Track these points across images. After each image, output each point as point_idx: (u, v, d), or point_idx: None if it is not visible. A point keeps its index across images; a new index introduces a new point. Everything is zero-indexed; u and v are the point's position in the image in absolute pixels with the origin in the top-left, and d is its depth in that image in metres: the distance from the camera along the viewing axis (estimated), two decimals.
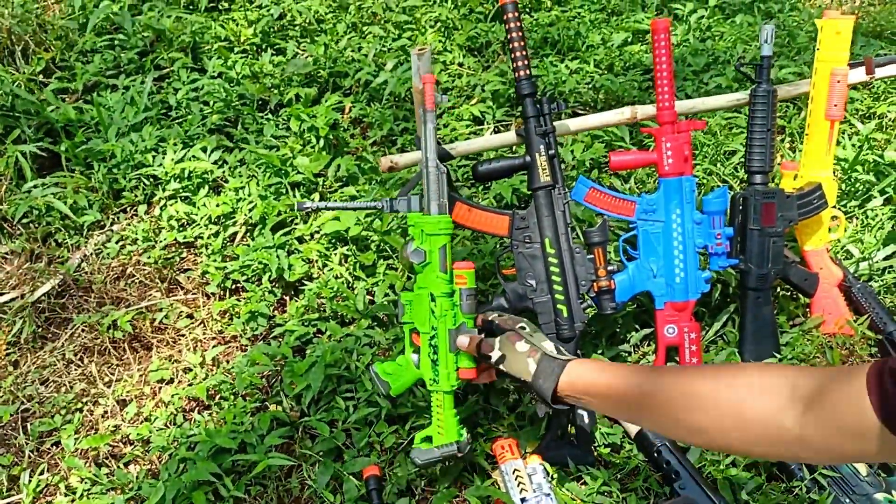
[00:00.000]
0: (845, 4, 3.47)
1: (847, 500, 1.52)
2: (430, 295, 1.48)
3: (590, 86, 2.68)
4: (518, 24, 1.65)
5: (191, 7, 3.07)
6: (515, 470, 1.59)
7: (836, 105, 1.78)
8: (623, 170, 1.91)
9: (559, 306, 1.65)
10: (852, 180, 2.18)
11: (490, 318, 1.40)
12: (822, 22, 1.78)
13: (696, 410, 1.01)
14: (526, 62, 1.65)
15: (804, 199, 1.78)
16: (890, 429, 0.82)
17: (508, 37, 1.65)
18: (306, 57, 2.83)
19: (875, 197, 2.12)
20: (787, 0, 3.30)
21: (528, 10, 3.15)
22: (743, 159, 1.80)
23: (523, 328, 1.33)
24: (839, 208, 2.13)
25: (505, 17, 1.65)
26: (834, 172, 2.17)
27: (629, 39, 2.96)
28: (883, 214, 2.14)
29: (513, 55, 1.65)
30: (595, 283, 1.66)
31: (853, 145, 2.30)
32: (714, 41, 2.94)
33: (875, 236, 2.08)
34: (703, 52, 2.84)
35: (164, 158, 2.29)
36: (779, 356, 1.80)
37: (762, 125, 1.76)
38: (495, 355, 1.30)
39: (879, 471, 1.59)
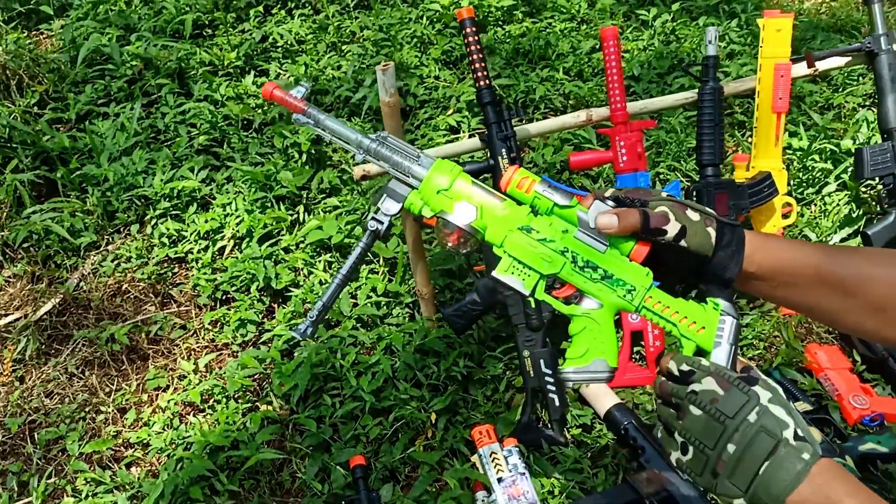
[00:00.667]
0: (807, 1, 3.59)
1: None
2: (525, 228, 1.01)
3: (559, 92, 2.80)
4: (476, 38, 1.77)
5: (177, 35, 3.20)
6: (492, 453, 1.69)
7: (781, 98, 1.90)
8: (583, 168, 2.02)
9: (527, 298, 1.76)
10: (808, 168, 2.29)
11: (613, 196, 0.98)
12: (763, 21, 1.90)
13: (891, 309, 0.93)
14: (485, 73, 1.77)
15: (755, 188, 1.89)
16: None
17: (468, 49, 1.77)
18: (288, 77, 2.95)
19: (830, 183, 2.23)
20: (750, 0, 3.42)
21: (500, 22, 3.27)
22: None
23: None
24: (795, 196, 2.25)
25: (463, 32, 1.77)
26: (792, 162, 2.29)
27: (597, 46, 3.08)
28: (840, 200, 2.25)
29: (472, 66, 1.77)
30: None
31: (810, 136, 2.41)
32: (679, 44, 3.06)
33: (832, 221, 2.18)
34: (668, 55, 2.96)
35: (153, 180, 2.41)
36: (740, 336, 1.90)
37: (710, 121, 1.87)
38: (673, 228, 0.92)
39: (835, 438, 1.69)
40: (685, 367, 0.90)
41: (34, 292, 2.28)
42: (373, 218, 1.04)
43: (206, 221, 2.32)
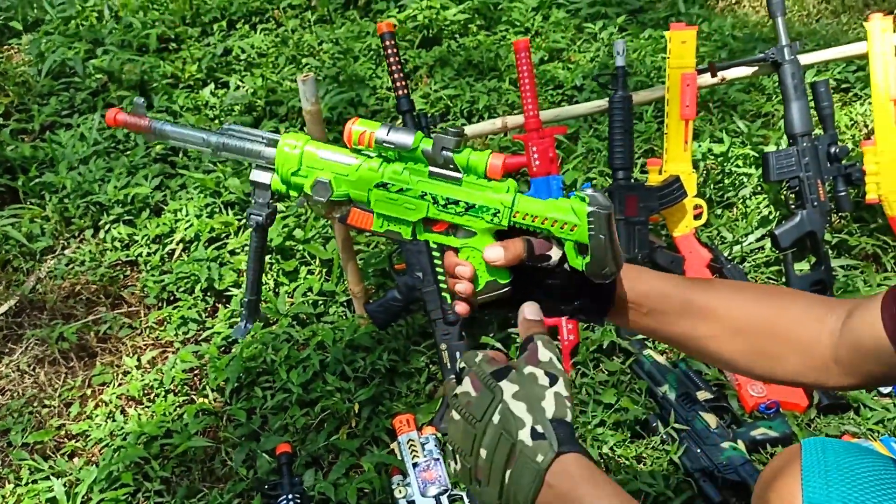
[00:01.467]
0: (758, 13, 3.72)
1: (698, 450, 1.72)
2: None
3: (505, 102, 2.92)
4: (395, 50, 1.88)
5: (143, 49, 3.32)
6: (410, 440, 1.80)
7: (688, 105, 2.01)
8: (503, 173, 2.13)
9: (443, 294, 1.87)
10: (729, 173, 2.41)
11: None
12: (669, 34, 2.01)
13: (751, 334, 0.99)
14: (404, 83, 1.89)
15: (664, 191, 2.00)
16: None
17: (388, 62, 1.89)
18: (246, 88, 3.07)
19: (747, 186, 2.34)
20: (698, 12, 3.55)
21: (455, 35, 3.40)
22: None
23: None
24: (715, 199, 2.36)
25: (384, 45, 1.89)
26: (706, 165, 2.40)
27: (545, 58, 3.20)
28: (760, 203, 2.36)
29: (392, 77, 1.88)
30: None
31: (733, 142, 2.52)
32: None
33: (750, 222, 2.29)
34: (612, 66, 3.07)
35: (108, 186, 2.52)
36: None
37: (621, 128, 1.99)
38: (556, 254, 0.96)
39: (732, 424, 1.80)
40: (459, 367, 0.91)
41: None
42: (251, 213, 1.11)
43: (158, 226, 2.43)
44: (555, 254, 0.96)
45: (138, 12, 3.47)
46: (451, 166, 0.95)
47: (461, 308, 0.99)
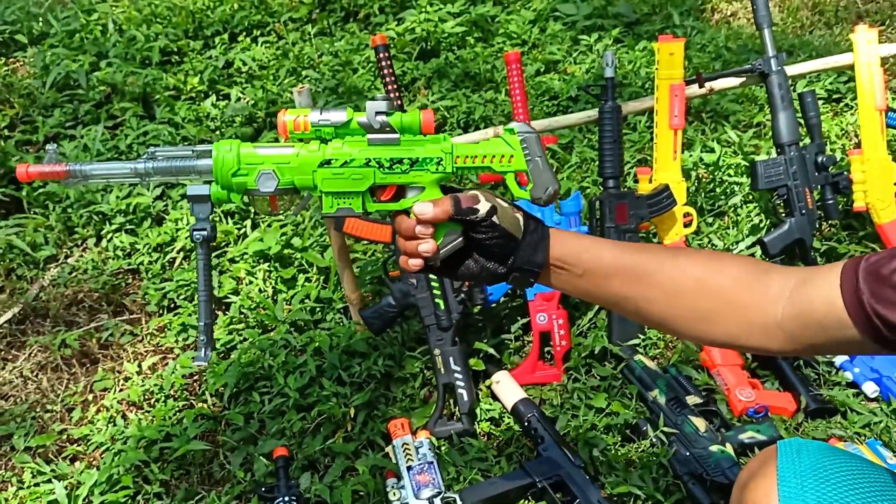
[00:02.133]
0: (752, 25, 3.76)
1: (687, 453, 1.75)
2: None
3: (501, 112, 2.97)
4: (389, 62, 1.93)
5: (147, 62, 3.38)
6: (404, 444, 1.83)
7: (676, 116, 2.06)
8: (491, 180, 2.18)
9: (437, 300, 1.91)
10: (720, 182, 2.45)
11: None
12: (657, 45, 2.06)
13: (685, 293, 1.00)
14: (397, 94, 1.93)
15: (653, 199, 2.04)
16: (854, 322, 0.88)
17: (381, 73, 1.94)
18: (247, 100, 3.12)
19: (737, 194, 2.39)
20: (693, 24, 3.60)
21: (452, 47, 3.45)
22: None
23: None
24: (706, 207, 2.40)
25: (378, 57, 1.94)
26: (698, 174, 2.44)
27: (541, 69, 3.25)
28: (750, 211, 2.40)
29: (386, 89, 1.93)
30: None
31: (726, 152, 2.57)
32: (619, 67, 3.22)
33: (740, 230, 2.33)
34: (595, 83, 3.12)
35: (110, 196, 2.57)
36: (643, 336, 2.05)
37: (610, 137, 2.03)
38: (483, 207, 1.00)
39: (721, 428, 1.83)
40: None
41: None
42: (194, 229, 1.08)
43: (159, 235, 2.47)
44: (482, 207, 1.00)
45: (141, 26, 3.53)
46: (388, 129, 1.00)
47: (418, 264, 1.02)
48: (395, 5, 3.70)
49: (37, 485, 1.86)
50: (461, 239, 1.02)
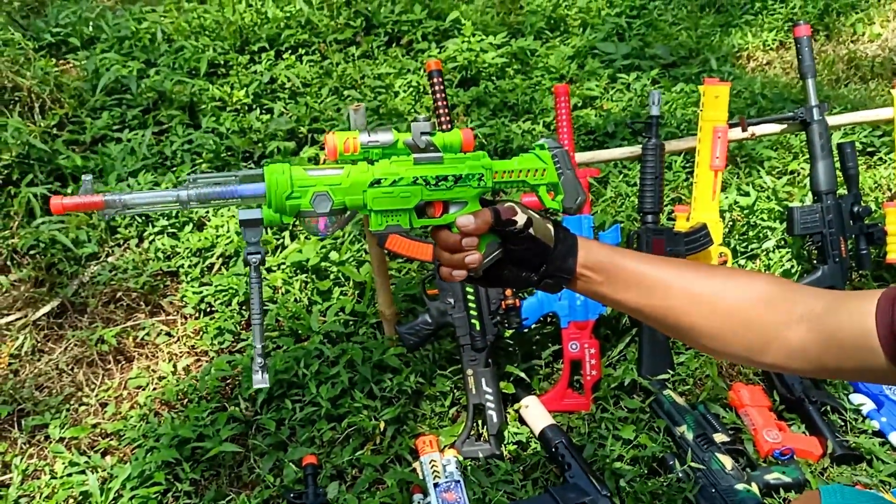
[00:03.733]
0: (788, 74, 3.82)
1: (713, 490, 1.77)
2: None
3: (536, 142, 3.01)
4: (441, 87, 1.99)
5: (193, 72, 3.46)
6: (432, 461, 1.86)
7: (718, 157, 2.10)
8: (533, 208, 2.22)
9: (473, 321, 1.95)
10: (754, 225, 2.48)
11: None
12: (703, 88, 2.11)
13: (702, 306, 1.03)
14: (448, 118, 1.98)
15: (690, 237, 2.08)
16: (886, 352, 0.89)
17: (434, 97, 1.99)
18: (290, 115, 3.19)
19: (770, 239, 2.41)
20: (729, 70, 3.66)
21: (492, 77, 3.51)
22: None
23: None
24: (739, 249, 2.43)
25: (430, 82, 2.00)
26: (732, 216, 2.47)
27: (579, 104, 3.31)
28: (783, 256, 2.43)
29: (437, 112, 1.98)
30: (503, 302, 1.95)
31: (760, 196, 2.60)
32: None
33: (773, 274, 2.36)
34: (644, 116, 3.17)
35: None
36: (672, 372, 2.07)
37: (652, 174, 2.07)
38: (521, 218, 1.05)
39: (747, 467, 1.85)
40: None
41: (36, 295, 2.49)
42: (248, 253, 1.06)
43: (200, 240, 2.53)
44: (520, 219, 1.05)
45: (190, 37, 3.62)
46: (432, 148, 1.05)
47: (462, 275, 1.07)
48: (437, 33, 3.78)
49: (69, 475, 1.90)
50: (501, 250, 1.07)
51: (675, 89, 3.41)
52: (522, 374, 2.05)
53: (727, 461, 1.82)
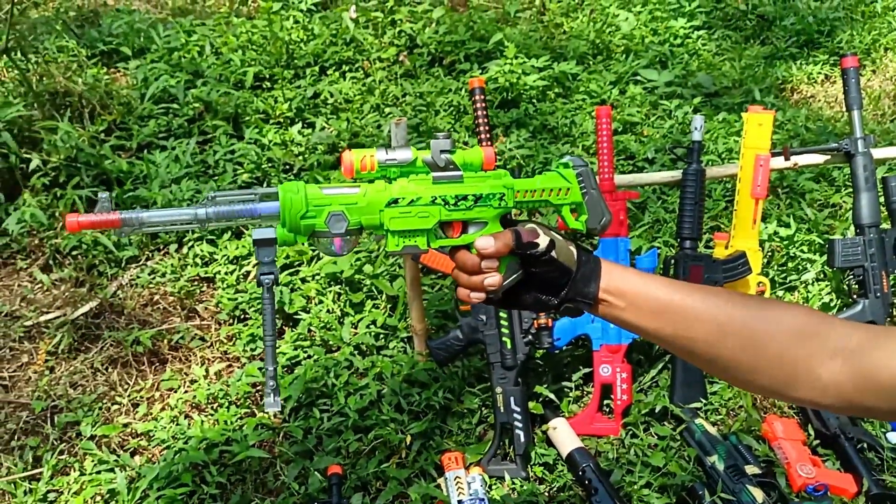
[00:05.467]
0: (832, 108, 3.77)
1: None
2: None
3: None
4: (483, 104, 2.00)
5: (239, 85, 3.53)
6: (457, 477, 1.85)
7: (759, 185, 2.08)
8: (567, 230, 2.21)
9: (504, 339, 1.94)
10: (793, 256, 2.44)
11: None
12: (747, 115, 2.09)
13: (730, 337, 0.98)
14: (488, 135, 1.99)
15: (729, 265, 2.05)
16: None
17: (475, 114, 2.00)
18: (331, 130, 3.23)
19: (809, 271, 2.38)
20: (772, 101, 3.63)
21: (533, 100, 3.53)
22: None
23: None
24: (778, 280, 2.39)
25: (473, 99, 2.01)
26: (772, 247, 2.44)
27: (619, 129, 3.31)
28: (821, 290, 2.39)
29: (477, 129, 2.00)
30: (535, 321, 1.94)
31: (801, 228, 2.56)
32: None
33: (811, 307, 2.31)
34: (685, 143, 3.16)
35: None
36: (705, 401, 2.04)
37: (692, 199, 2.05)
38: (543, 241, 1.01)
39: (779, 501, 1.80)
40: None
41: (75, 295, 2.54)
42: (261, 273, 1.04)
43: (237, 248, 2.56)
44: (542, 241, 1.00)
45: (237, 51, 3.69)
46: (452, 166, 1.02)
47: (480, 297, 1.03)
48: (480, 55, 3.81)
49: (98, 472, 1.92)
50: (522, 272, 1.03)
51: (716, 118, 3.39)
52: (552, 396, 2.03)
53: (758, 494, 1.78)
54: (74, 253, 2.65)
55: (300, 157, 3.06)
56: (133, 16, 4.08)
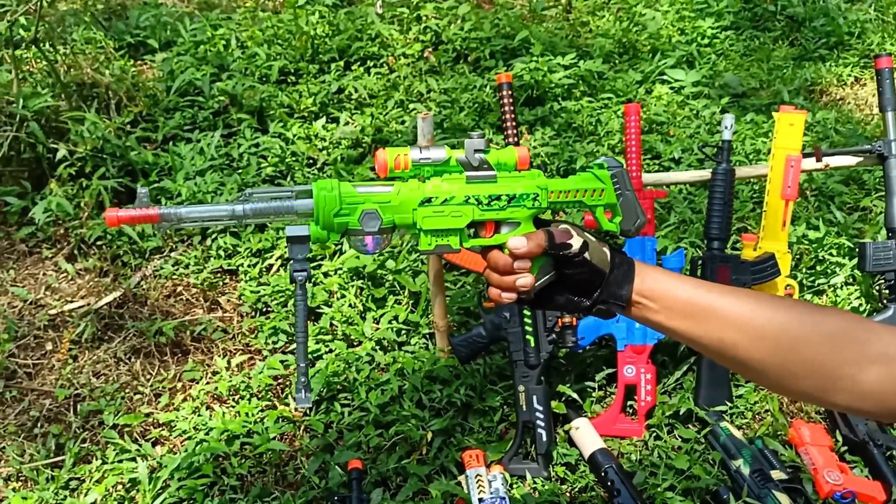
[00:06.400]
0: (862, 111, 3.71)
1: None
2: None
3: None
4: (510, 100, 1.98)
5: (263, 79, 3.53)
6: (478, 475, 1.83)
7: (789, 187, 2.04)
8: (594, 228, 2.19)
9: (528, 337, 1.92)
10: (822, 260, 2.40)
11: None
12: (778, 115, 2.06)
13: (767, 341, 0.95)
14: (515, 131, 1.98)
15: (757, 267, 2.02)
16: None
17: (502, 110, 1.99)
18: (355, 125, 3.23)
19: (838, 275, 2.34)
20: (801, 103, 3.57)
21: (558, 98, 3.50)
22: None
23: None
24: (806, 283, 2.36)
25: (500, 94, 1.99)
26: (800, 249, 2.40)
27: (645, 129, 3.27)
28: (850, 294, 2.35)
29: (504, 125, 1.98)
30: (560, 320, 1.92)
31: (830, 231, 2.52)
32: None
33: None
34: (712, 143, 3.12)
35: (220, 199, 2.68)
36: (730, 404, 2.01)
37: (720, 199, 2.03)
38: (576, 242, 1.00)
39: None
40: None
41: (99, 285, 2.55)
42: (294, 270, 1.04)
43: (260, 241, 2.56)
44: (575, 242, 1.00)
45: (263, 45, 3.70)
46: (486, 166, 1.02)
47: (512, 298, 1.02)
48: (505, 52, 3.79)
49: (120, 461, 1.92)
50: (554, 273, 1.02)
51: (744, 119, 3.34)
52: (574, 395, 2.01)
53: (784, 499, 1.75)
54: (99, 243, 2.66)
55: (324, 152, 3.06)
56: (160, 9, 4.10)
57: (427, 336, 2.25)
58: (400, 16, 3.91)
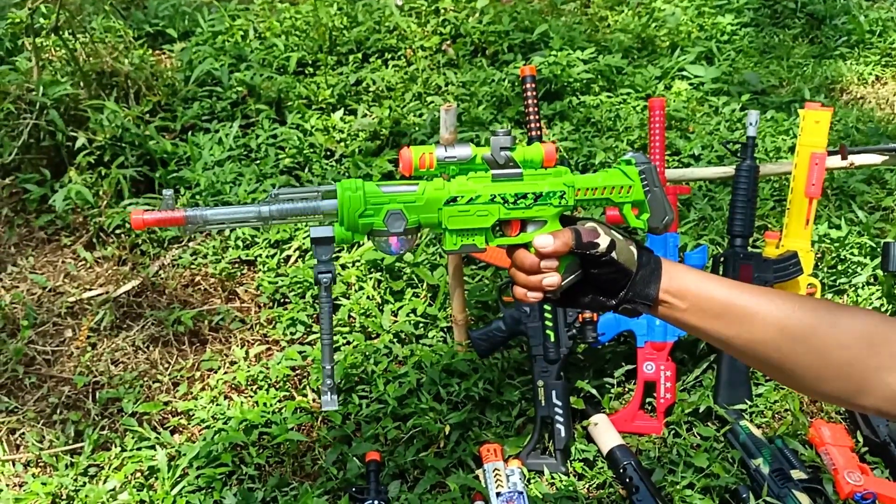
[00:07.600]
0: (883, 109, 3.68)
1: None
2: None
3: (618, 161, 2.97)
4: (534, 93, 1.97)
5: (282, 69, 3.53)
6: (496, 469, 1.83)
7: (814, 184, 2.02)
8: (616, 223, 2.18)
9: (548, 332, 1.92)
10: (844, 259, 2.38)
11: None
12: (804, 112, 2.04)
13: (796, 343, 0.95)
14: (538, 125, 1.97)
15: (780, 265, 2.01)
16: None
17: (525, 104, 1.97)
18: (373, 117, 3.22)
19: (861, 275, 2.32)
20: (822, 101, 3.54)
21: (577, 93, 3.48)
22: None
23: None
24: (827, 283, 2.34)
25: (524, 87, 1.98)
26: (822, 248, 2.39)
27: (665, 125, 3.25)
28: (872, 294, 2.33)
29: (527, 118, 1.97)
30: (580, 315, 1.91)
31: (852, 230, 2.50)
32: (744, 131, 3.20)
33: None
34: (733, 139, 3.10)
35: (238, 189, 2.68)
36: (750, 403, 2.00)
37: (744, 196, 2.01)
38: (604, 241, 0.98)
39: None
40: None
41: (118, 273, 2.56)
42: (319, 272, 1.03)
43: (278, 232, 2.56)
44: (602, 241, 0.98)
45: (281, 36, 3.69)
46: (512, 164, 1.00)
47: (538, 297, 1.01)
48: (524, 46, 3.77)
49: (139, 449, 1.93)
50: (580, 272, 1.01)
51: (765, 116, 3.32)
52: (593, 391, 2.00)
53: (805, 499, 1.74)
54: (118, 232, 2.67)
55: (342, 144, 3.05)
56: None
57: (445, 329, 2.24)
58: (418, 8, 3.90)
